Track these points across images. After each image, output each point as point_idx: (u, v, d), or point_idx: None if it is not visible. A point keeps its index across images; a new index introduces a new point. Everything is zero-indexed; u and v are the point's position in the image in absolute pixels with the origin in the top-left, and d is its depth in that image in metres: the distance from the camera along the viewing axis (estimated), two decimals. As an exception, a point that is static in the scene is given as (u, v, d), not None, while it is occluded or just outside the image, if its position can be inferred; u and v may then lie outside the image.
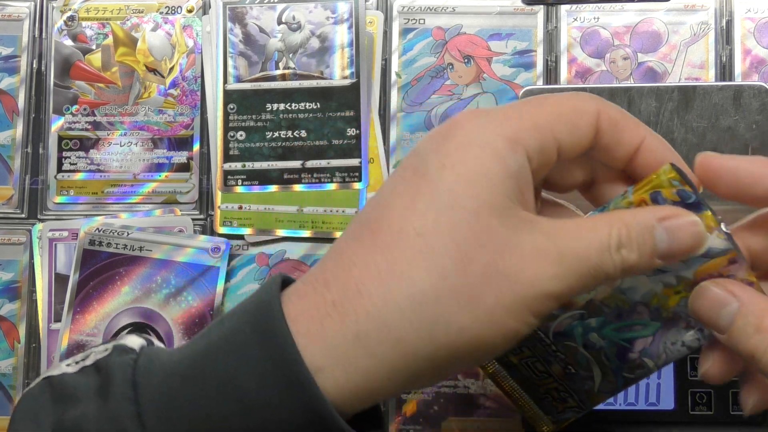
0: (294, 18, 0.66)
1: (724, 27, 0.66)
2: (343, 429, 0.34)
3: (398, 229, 0.34)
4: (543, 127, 0.36)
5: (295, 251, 0.65)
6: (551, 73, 0.66)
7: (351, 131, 0.65)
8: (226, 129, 0.65)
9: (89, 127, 0.66)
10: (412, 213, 0.34)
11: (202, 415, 0.35)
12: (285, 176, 0.65)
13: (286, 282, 0.38)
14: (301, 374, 0.34)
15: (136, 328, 0.64)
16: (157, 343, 0.41)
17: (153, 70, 0.66)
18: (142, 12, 0.67)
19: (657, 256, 0.36)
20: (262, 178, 0.65)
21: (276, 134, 0.65)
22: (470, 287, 0.34)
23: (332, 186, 0.65)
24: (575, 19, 0.66)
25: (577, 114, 0.37)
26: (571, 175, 0.40)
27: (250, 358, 0.34)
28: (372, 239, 0.35)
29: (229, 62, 0.66)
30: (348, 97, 0.65)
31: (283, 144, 0.65)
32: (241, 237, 0.65)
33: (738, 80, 0.65)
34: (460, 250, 0.34)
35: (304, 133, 0.65)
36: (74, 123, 0.66)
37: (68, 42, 0.66)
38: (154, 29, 0.66)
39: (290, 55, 0.66)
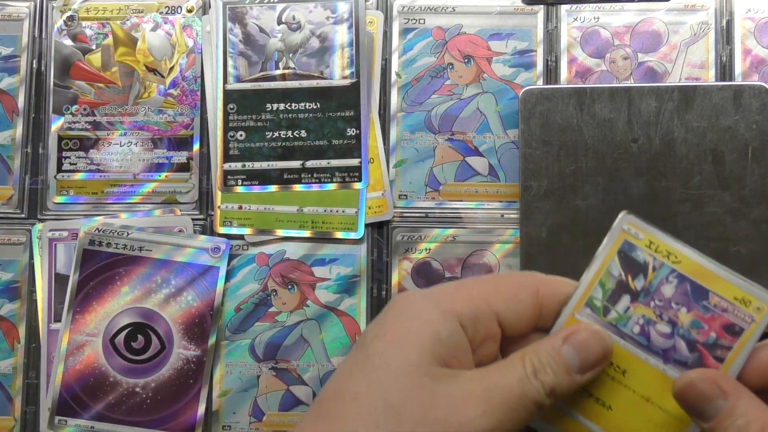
0: (294, 18, 0.66)
1: (724, 27, 0.66)
2: None
3: (336, 396, 0.38)
4: (478, 298, 0.40)
5: (295, 251, 0.65)
6: (551, 73, 0.66)
7: (351, 131, 0.65)
8: (226, 129, 0.65)
9: (89, 127, 0.66)
10: (347, 379, 0.38)
11: None
12: (285, 176, 0.65)
13: None
14: None
15: (135, 329, 0.64)
16: None
17: (153, 70, 0.66)
18: (142, 12, 0.67)
19: (575, 371, 0.38)
20: (262, 178, 0.65)
21: (276, 134, 0.65)
22: None
23: (332, 186, 0.65)
24: (575, 19, 0.66)
25: (515, 287, 0.41)
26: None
27: None
28: (317, 409, 0.39)
29: (229, 62, 0.66)
30: (348, 97, 0.65)
31: (283, 144, 0.65)
32: (241, 237, 0.65)
33: (738, 80, 0.65)
34: (390, 406, 0.37)
35: (304, 133, 0.65)
36: (74, 123, 0.66)
37: (68, 42, 0.66)
38: (154, 29, 0.66)
39: (290, 55, 0.66)
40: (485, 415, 0.37)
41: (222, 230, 0.65)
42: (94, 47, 0.66)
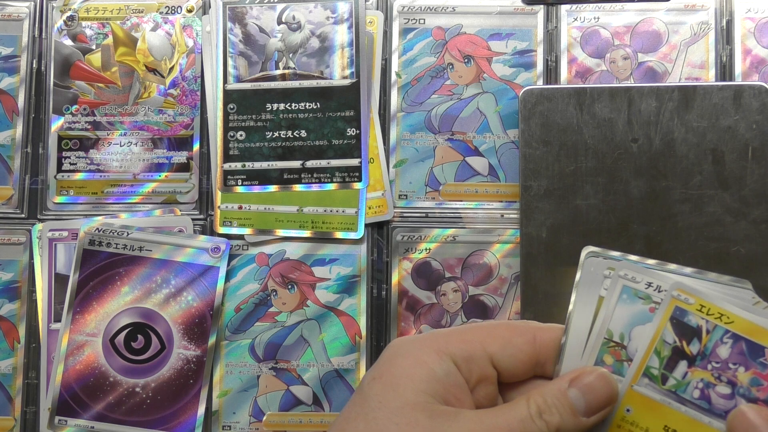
0: (294, 18, 0.66)
1: (725, 27, 0.66)
2: None
3: None
4: (471, 341, 0.41)
5: (295, 251, 0.65)
6: (551, 72, 0.66)
7: (351, 131, 0.65)
8: (226, 129, 0.65)
9: (89, 127, 0.66)
10: (346, 422, 0.39)
11: None
12: (285, 176, 0.65)
13: None
14: None
15: (135, 329, 0.64)
16: None
17: (153, 70, 0.66)
18: (142, 12, 0.67)
19: (580, 413, 0.39)
20: (262, 178, 0.65)
21: (276, 134, 0.65)
22: None
23: (332, 186, 0.65)
24: (575, 19, 0.66)
25: (511, 333, 0.42)
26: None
27: None
28: None
29: (229, 62, 0.66)
30: (348, 97, 0.65)
31: (283, 144, 0.65)
32: (241, 237, 0.65)
33: (738, 80, 0.65)
34: None
35: (304, 133, 0.65)
36: (74, 123, 0.66)
37: (68, 42, 0.66)
38: (153, 29, 0.66)
39: (290, 55, 0.66)
40: None
41: (222, 230, 0.65)
42: (94, 47, 0.66)
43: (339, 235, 0.65)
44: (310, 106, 0.65)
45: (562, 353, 0.41)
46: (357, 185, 0.65)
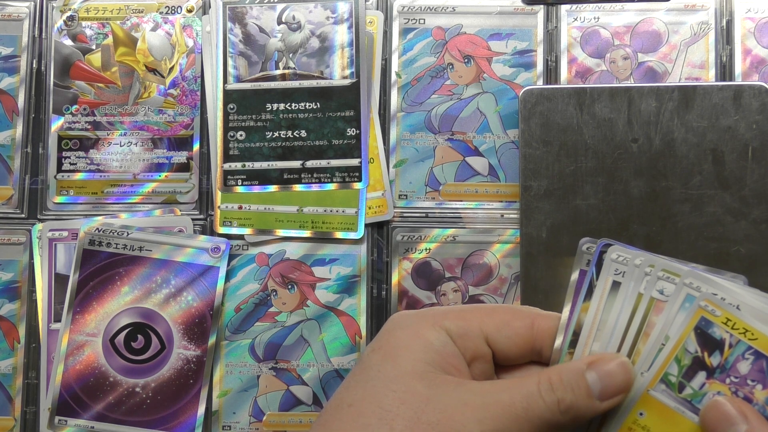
0: (294, 18, 0.66)
1: (725, 27, 0.66)
2: None
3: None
4: (468, 319, 0.41)
5: (294, 251, 0.65)
6: (551, 72, 0.66)
7: (351, 131, 0.65)
8: (226, 129, 0.65)
9: (89, 127, 0.66)
10: (346, 391, 0.40)
11: None
12: (285, 176, 0.65)
13: None
14: None
15: (135, 329, 0.64)
16: None
17: (153, 70, 0.66)
18: (142, 12, 0.67)
19: (595, 397, 0.39)
20: (262, 178, 0.65)
21: (276, 134, 0.65)
22: None
23: (332, 186, 0.65)
24: (575, 19, 0.66)
25: (509, 316, 0.42)
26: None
27: None
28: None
29: (229, 62, 0.66)
30: (348, 97, 0.65)
31: (283, 144, 0.65)
32: (241, 237, 0.65)
33: (738, 80, 0.65)
34: (384, 410, 0.38)
35: (304, 133, 0.65)
36: (74, 123, 0.66)
37: (68, 42, 0.66)
38: (153, 29, 0.66)
39: (290, 55, 0.66)
40: (480, 423, 0.37)
41: (222, 230, 0.65)
42: (94, 47, 0.66)
43: (339, 235, 0.65)
44: (310, 106, 0.65)
45: (581, 339, 0.41)
46: (357, 185, 0.65)
